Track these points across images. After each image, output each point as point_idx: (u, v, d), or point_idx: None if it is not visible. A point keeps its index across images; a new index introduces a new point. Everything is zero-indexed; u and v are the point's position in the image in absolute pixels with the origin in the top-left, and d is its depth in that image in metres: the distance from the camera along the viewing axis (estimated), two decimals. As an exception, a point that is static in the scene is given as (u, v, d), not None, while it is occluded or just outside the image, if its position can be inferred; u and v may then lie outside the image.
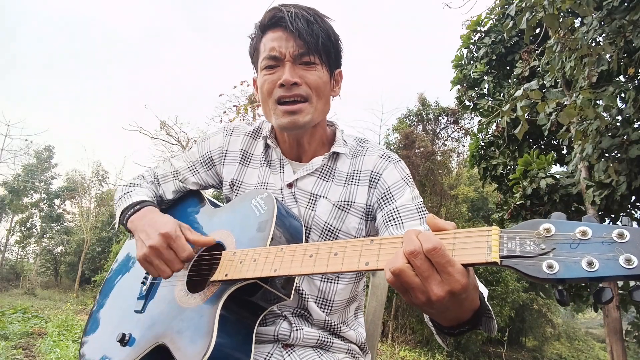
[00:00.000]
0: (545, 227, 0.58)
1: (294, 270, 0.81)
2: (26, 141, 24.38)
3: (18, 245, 26.81)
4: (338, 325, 1.13)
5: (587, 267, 0.54)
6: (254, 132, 1.26)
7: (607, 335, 6.11)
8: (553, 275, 0.55)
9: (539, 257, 0.57)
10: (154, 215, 1.06)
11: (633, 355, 16.07)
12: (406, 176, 1.13)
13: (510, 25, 6.77)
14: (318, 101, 1.09)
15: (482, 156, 9.21)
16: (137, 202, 1.14)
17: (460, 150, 18.33)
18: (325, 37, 1.07)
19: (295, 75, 1.05)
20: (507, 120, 5.17)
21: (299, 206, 1.13)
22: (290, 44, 1.05)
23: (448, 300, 0.62)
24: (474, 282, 0.67)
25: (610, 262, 0.53)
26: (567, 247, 0.56)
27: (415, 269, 0.62)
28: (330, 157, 1.16)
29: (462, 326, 0.72)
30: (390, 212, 1.07)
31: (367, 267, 0.71)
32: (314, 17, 1.07)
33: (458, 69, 9.84)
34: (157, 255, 0.96)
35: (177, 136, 14.58)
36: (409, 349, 12.31)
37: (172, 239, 0.96)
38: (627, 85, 5.89)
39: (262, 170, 1.20)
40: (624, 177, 5.62)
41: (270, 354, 1.04)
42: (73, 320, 8.17)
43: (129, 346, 0.99)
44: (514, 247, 0.59)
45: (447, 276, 0.61)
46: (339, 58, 1.16)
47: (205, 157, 1.26)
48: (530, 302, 17.77)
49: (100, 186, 24.25)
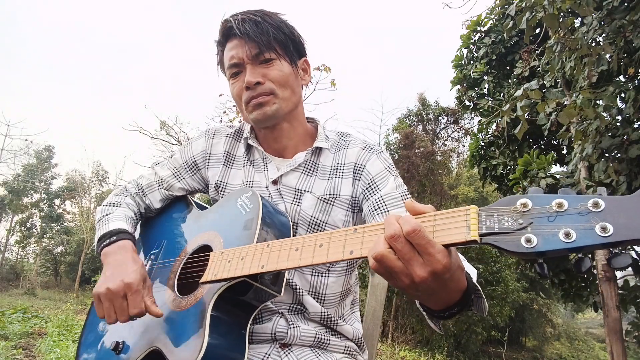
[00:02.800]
0: (522, 202, 0.59)
1: (281, 265, 0.81)
2: (26, 141, 24.40)
3: (18, 245, 26.82)
4: (335, 319, 1.13)
5: (565, 239, 0.54)
6: (236, 133, 1.28)
7: (607, 335, 6.10)
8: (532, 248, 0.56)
9: (518, 232, 0.57)
10: (125, 257, 1.04)
11: (633, 355, 16.07)
12: (389, 165, 1.16)
13: (510, 25, 6.76)
14: (283, 91, 1.12)
15: (482, 156, 9.21)
16: (114, 232, 1.12)
17: (460, 150, 18.35)
18: (276, 31, 1.11)
19: (257, 75, 1.10)
20: (507, 120, 5.17)
21: (285, 202, 1.14)
22: (245, 48, 1.10)
23: (432, 281, 0.63)
24: (457, 262, 0.68)
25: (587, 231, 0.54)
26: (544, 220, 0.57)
27: (397, 252, 0.63)
28: (313, 152, 1.18)
29: (452, 308, 0.73)
30: (375, 202, 1.09)
31: (352, 255, 0.72)
32: (262, 16, 1.12)
33: (458, 69, 9.84)
34: (109, 299, 0.95)
35: (177, 136, 14.59)
36: (409, 349, 12.31)
37: (131, 291, 0.95)
38: (627, 85, 5.89)
39: (246, 169, 1.21)
40: (624, 177, 5.62)
41: (267, 354, 1.04)
42: (73, 320, 8.17)
43: (124, 354, 1.00)
44: (493, 224, 0.60)
45: (428, 257, 0.62)
46: (299, 48, 1.19)
47: (189, 162, 1.27)
48: (530, 302, 17.77)
49: (100, 186, 24.28)
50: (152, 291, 1.06)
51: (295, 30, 1.18)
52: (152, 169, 1.31)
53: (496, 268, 13.87)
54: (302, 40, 1.20)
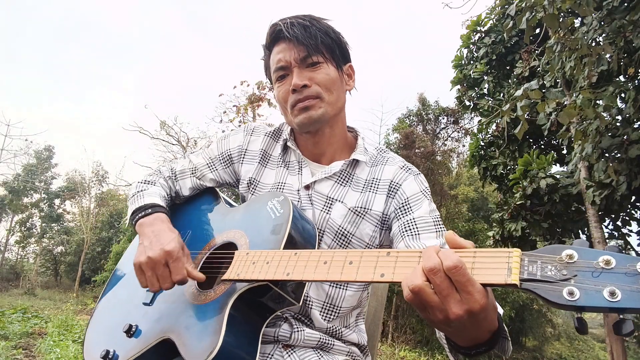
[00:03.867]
0: (568, 254, 0.58)
1: (307, 276, 0.80)
2: (26, 141, 24.40)
3: (18, 245, 26.81)
4: (340, 330, 1.13)
5: (609, 297, 0.53)
6: (274, 133, 1.28)
7: (607, 335, 6.11)
8: (573, 302, 0.55)
9: (560, 283, 0.57)
10: (162, 227, 1.05)
11: (633, 355, 16.07)
12: (425, 189, 1.15)
13: (510, 25, 6.76)
14: (329, 96, 1.12)
15: (482, 156, 9.22)
16: (149, 205, 1.13)
17: (460, 150, 18.35)
18: (324, 36, 1.12)
19: (304, 78, 1.09)
20: (507, 120, 5.17)
21: (314, 208, 1.13)
22: (293, 51, 1.10)
23: (466, 320, 0.62)
24: (493, 303, 0.67)
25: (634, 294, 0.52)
26: (589, 275, 0.56)
27: (435, 286, 0.61)
28: (350, 164, 1.18)
29: (479, 347, 0.71)
30: (407, 223, 1.08)
31: (382, 279, 0.70)
32: (310, 21, 1.12)
33: (458, 69, 9.84)
34: (152, 268, 0.96)
35: (177, 136, 14.59)
36: (409, 349, 12.31)
37: (172, 258, 0.96)
38: (627, 85, 5.89)
39: (280, 170, 1.21)
40: (624, 177, 5.63)
41: (270, 354, 1.05)
42: (73, 320, 8.17)
43: (135, 338, 0.99)
44: (535, 271, 0.59)
45: (466, 295, 0.60)
46: (344, 53, 1.19)
47: (224, 154, 1.27)
48: (530, 302, 17.77)
49: (100, 186, 24.26)
50: None
51: (341, 36, 1.18)
52: (187, 157, 1.32)
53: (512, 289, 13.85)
54: (348, 46, 1.21)
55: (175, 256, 0.96)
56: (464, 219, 16.54)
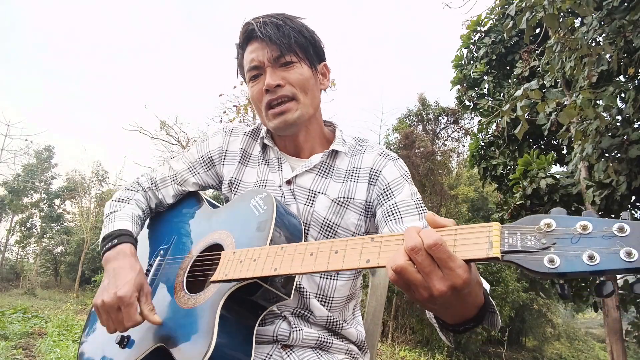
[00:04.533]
0: (546, 222, 0.59)
1: (295, 269, 0.80)
2: (26, 141, 24.42)
3: (18, 245, 26.81)
4: (339, 323, 1.13)
5: (588, 261, 0.54)
6: (253, 132, 1.28)
7: (607, 335, 6.11)
8: (554, 269, 0.56)
9: (540, 252, 0.57)
10: (123, 264, 1.02)
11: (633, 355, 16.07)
12: (405, 173, 1.16)
13: (510, 25, 6.75)
14: (305, 97, 1.12)
15: (482, 156, 9.21)
16: (116, 233, 1.11)
17: (460, 150, 18.34)
18: (297, 35, 1.11)
19: (277, 78, 1.09)
20: (507, 120, 5.17)
21: (298, 203, 1.14)
22: (266, 50, 1.10)
23: (450, 296, 0.63)
24: (476, 278, 0.67)
25: (611, 255, 0.53)
26: (567, 242, 0.57)
27: (417, 265, 0.63)
28: (329, 155, 1.18)
29: (467, 323, 0.73)
30: (389, 208, 1.09)
31: (368, 265, 0.71)
32: (283, 20, 1.12)
33: (458, 69, 9.84)
34: (106, 312, 0.95)
35: (177, 136, 14.58)
36: (409, 349, 12.31)
37: (124, 304, 0.94)
38: (627, 85, 5.89)
39: (261, 168, 1.21)
40: (624, 177, 5.62)
41: (269, 354, 1.04)
42: (73, 320, 8.17)
43: (128, 348, 0.99)
44: (515, 243, 0.60)
45: (448, 271, 0.61)
46: (319, 52, 1.19)
47: (204, 157, 1.27)
48: (530, 302, 17.77)
49: (100, 186, 24.25)
50: (158, 291, 1.05)
51: (315, 35, 1.18)
52: (167, 163, 1.32)
53: (496, 268, 13.88)
54: (322, 45, 1.20)
55: (127, 302, 0.94)
56: (464, 219, 16.53)
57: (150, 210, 1.29)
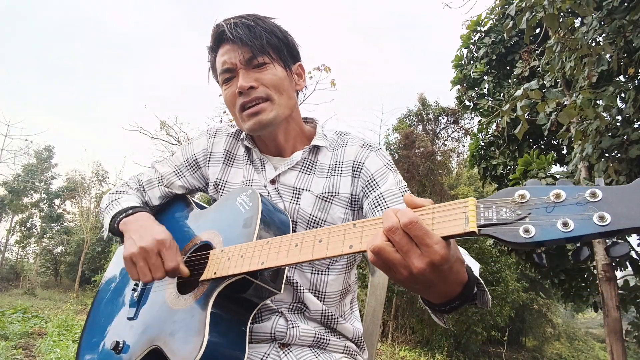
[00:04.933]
0: (520, 194, 0.59)
1: (281, 261, 0.81)
2: (26, 141, 24.42)
3: (18, 245, 26.82)
4: (336, 318, 1.13)
5: (563, 228, 0.55)
6: (236, 133, 1.28)
7: (607, 335, 6.10)
8: (530, 239, 0.56)
9: (516, 223, 0.58)
10: (151, 222, 1.07)
11: (633, 355, 16.07)
12: (388, 162, 1.15)
13: (510, 25, 6.75)
14: (279, 97, 1.11)
15: (482, 156, 9.21)
16: (129, 208, 1.14)
17: (460, 150, 18.34)
18: (269, 35, 1.10)
19: (250, 80, 1.08)
20: (507, 120, 5.17)
21: (284, 201, 1.14)
22: (238, 52, 1.09)
23: (430, 273, 0.63)
24: (456, 254, 0.68)
25: (585, 221, 0.54)
26: (542, 211, 0.57)
27: (395, 244, 0.63)
28: (311, 151, 1.18)
29: (453, 302, 0.73)
30: (375, 198, 1.09)
31: (352, 250, 0.72)
32: (254, 21, 1.11)
33: (458, 69, 9.84)
34: (144, 257, 0.96)
35: (177, 136, 14.58)
36: (409, 349, 12.31)
37: (165, 246, 0.97)
38: (627, 85, 5.89)
39: (247, 168, 1.21)
40: (624, 177, 5.62)
41: (266, 354, 1.05)
42: (73, 320, 8.17)
43: (124, 353, 1.00)
44: (491, 216, 0.60)
45: (426, 248, 0.62)
46: (293, 52, 1.18)
47: (190, 160, 1.27)
48: (530, 302, 17.77)
49: (100, 186, 24.25)
50: (149, 293, 1.06)
51: (289, 35, 1.17)
52: (153, 167, 1.32)
53: (496, 268, 13.87)
54: (296, 45, 1.19)
55: (168, 244, 0.98)
56: (464, 219, 16.50)
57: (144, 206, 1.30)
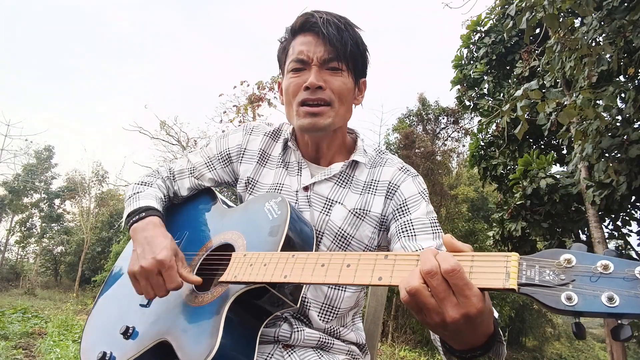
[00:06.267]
0: (566, 258, 0.57)
1: (305, 279, 0.80)
2: (26, 141, 24.42)
3: (18, 245, 26.83)
4: (338, 330, 1.13)
5: (607, 302, 0.53)
6: (274, 132, 1.26)
7: (607, 336, 6.11)
8: (571, 307, 0.54)
9: (558, 288, 0.56)
10: (155, 233, 1.04)
11: (633, 355, 16.06)
12: (423, 190, 1.15)
13: (510, 25, 6.77)
14: (340, 106, 1.10)
15: (482, 156, 9.22)
16: (143, 208, 1.12)
17: (460, 150, 18.36)
18: (353, 45, 1.09)
19: (321, 79, 1.06)
20: (507, 120, 5.17)
21: (313, 210, 1.13)
22: (320, 48, 1.07)
23: (463, 324, 0.61)
24: (489, 307, 0.66)
25: (632, 299, 0.52)
26: (587, 280, 0.55)
27: (432, 289, 0.61)
28: (350, 165, 1.17)
29: (475, 351, 0.71)
30: (404, 224, 1.08)
31: (380, 282, 0.70)
32: (345, 25, 1.09)
33: (458, 69, 9.85)
34: (145, 277, 0.95)
35: (177, 136, 14.59)
36: (409, 349, 12.31)
37: (165, 267, 0.95)
38: (627, 85, 5.89)
39: (278, 171, 1.20)
40: (624, 177, 5.63)
41: (270, 354, 1.05)
42: (73, 320, 8.17)
43: (132, 340, 0.99)
44: (533, 276, 0.59)
45: (463, 299, 0.60)
46: (365, 68, 1.18)
47: (223, 153, 1.26)
48: (530, 302, 17.77)
49: (100, 186, 24.29)
50: None
51: (367, 50, 1.16)
52: (185, 156, 1.32)
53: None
54: (368, 62, 1.19)
55: (167, 265, 0.95)
56: (464, 219, 16.54)
57: (168, 199, 1.29)
